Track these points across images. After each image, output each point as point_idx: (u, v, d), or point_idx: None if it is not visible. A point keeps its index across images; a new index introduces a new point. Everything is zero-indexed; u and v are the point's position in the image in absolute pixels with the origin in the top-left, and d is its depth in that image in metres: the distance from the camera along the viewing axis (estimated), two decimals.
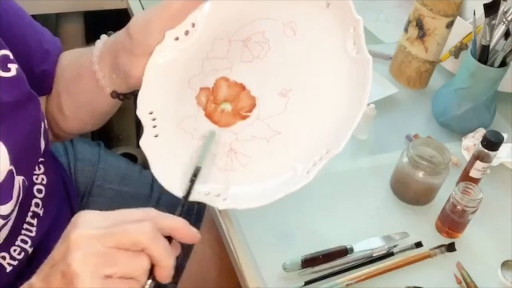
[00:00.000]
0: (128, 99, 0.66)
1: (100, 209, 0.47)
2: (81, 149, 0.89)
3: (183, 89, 0.62)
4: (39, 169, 0.67)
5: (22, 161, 0.58)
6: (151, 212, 0.48)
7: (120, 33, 0.61)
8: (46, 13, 1.32)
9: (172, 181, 0.60)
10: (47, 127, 0.65)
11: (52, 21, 1.41)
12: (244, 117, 0.64)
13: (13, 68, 0.59)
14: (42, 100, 0.67)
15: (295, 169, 0.62)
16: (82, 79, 0.65)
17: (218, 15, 0.59)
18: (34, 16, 0.71)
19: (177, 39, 0.58)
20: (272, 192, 0.62)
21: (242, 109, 0.64)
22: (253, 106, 0.64)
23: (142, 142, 0.59)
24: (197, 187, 0.59)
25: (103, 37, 0.65)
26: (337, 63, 0.61)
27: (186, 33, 0.59)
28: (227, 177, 0.63)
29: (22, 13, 0.67)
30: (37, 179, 0.66)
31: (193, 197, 0.58)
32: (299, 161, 0.63)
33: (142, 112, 0.59)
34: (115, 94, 0.64)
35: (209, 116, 0.64)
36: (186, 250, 0.85)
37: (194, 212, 0.87)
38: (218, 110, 0.64)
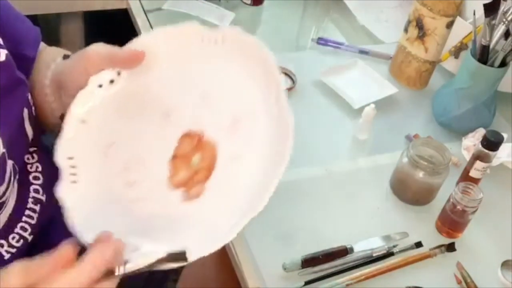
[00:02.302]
0: None
1: None
2: None
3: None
4: (33, 158, 0.66)
5: (13, 146, 0.58)
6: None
7: (58, 71, 0.61)
8: (46, 13, 1.32)
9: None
10: (34, 114, 0.64)
11: (52, 21, 1.41)
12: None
13: (3, 53, 0.58)
14: None
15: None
16: (40, 96, 0.64)
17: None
18: (34, 16, 0.70)
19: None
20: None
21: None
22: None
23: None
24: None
25: (59, 59, 0.64)
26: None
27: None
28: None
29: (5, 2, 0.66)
30: (31, 167, 0.66)
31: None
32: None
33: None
34: (63, 118, 0.62)
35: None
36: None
37: None
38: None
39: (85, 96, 0.57)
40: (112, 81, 0.58)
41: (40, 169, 0.67)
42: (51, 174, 0.67)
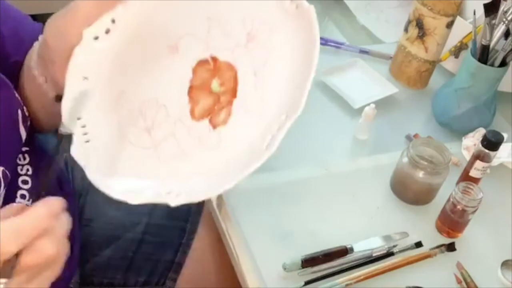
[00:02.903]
0: None
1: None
2: None
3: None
4: (24, 159, 0.64)
5: (2, 151, 0.56)
6: None
7: (41, 38, 0.56)
8: (46, 13, 1.32)
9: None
10: (27, 114, 0.62)
11: None
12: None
13: None
14: None
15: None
16: (28, 83, 0.61)
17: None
18: (34, 16, 0.70)
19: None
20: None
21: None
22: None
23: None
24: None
25: (40, 37, 0.59)
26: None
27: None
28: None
29: None
30: (21, 169, 0.64)
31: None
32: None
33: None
34: (59, 98, 0.59)
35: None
36: (184, 247, 0.85)
37: (192, 211, 0.87)
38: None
39: (82, 52, 0.53)
40: (108, 31, 0.54)
41: (30, 172, 0.65)
42: (41, 179, 0.65)
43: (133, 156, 0.56)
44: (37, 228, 0.42)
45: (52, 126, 0.69)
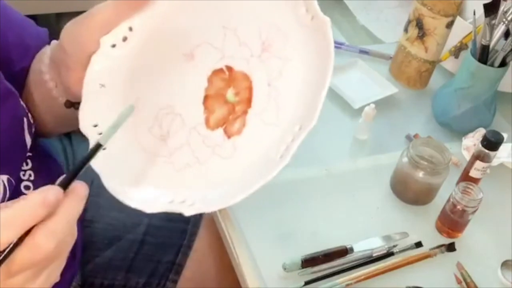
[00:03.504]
0: None
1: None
2: (79, 149, 0.88)
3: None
4: (27, 164, 0.64)
5: (4, 160, 0.56)
6: None
7: (57, 43, 0.56)
8: (46, 13, 1.32)
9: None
10: (31, 121, 0.62)
11: (52, 21, 1.41)
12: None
13: None
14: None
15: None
16: (37, 87, 0.61)
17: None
18: (34, 16, 0.70)
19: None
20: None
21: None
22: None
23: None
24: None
25: (53, 42, 0.59)
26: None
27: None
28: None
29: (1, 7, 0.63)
30: (24, 175, 0.63)
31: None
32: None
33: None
34: (69, 104, 0.59)
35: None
36: (185, 248, 0.85)
37: None
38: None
39: (100, 59, 0.54)
40: (125, 39, 0.55)
41: (32, 177, 0.64)
42: (42, 184, 0.65)
43: (148, 164, 0.57)
44: (32, 216, 0.40)
45: (60, 130, 0.69)
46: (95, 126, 0.55)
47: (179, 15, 0.56)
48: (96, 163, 0.53)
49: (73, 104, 0.60)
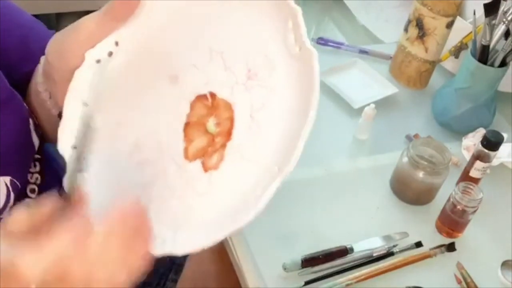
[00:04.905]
0: None
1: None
2: None
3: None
4: (35, 166, 0.63)
5: (7, 162, 0.55)
6: None
7: (44, 57, 0.54)
8: (46, 13, 1.32)
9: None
10: (37, 122, 0.61)
11: (52, 21, 1.41)
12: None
13: None
14: None
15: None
16: (34, 96, 0.59)
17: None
18: (34, 16, 0.69)
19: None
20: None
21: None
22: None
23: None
24: None
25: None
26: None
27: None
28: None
29: (5, 8, 0.61)
30: (31, 177, 0.62)
31: None
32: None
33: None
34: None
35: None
36: None
37: None
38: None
39: (83, 75, 0.51)
40: (110, 54, 0.52)
41: (38, 181, 0.63)
42: (47, 188, 0.63)
43: (124, 192, 0.52)
44: (60, 255, 0.39)
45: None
46: (74, 148, 0.52)
47: (167, 30, 0.53)
48: (70, 186, 0.50)
49: None
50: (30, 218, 0.41)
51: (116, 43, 0.52)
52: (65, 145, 0.51)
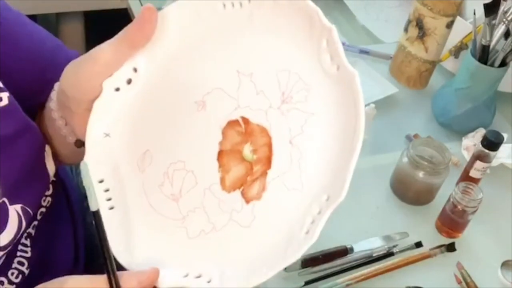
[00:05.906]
0: None
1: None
2: None
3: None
4: (48, 189, 0.61)
5: (20, 191, 0.54)
6: None
7: (58, 86, 0.53)
8: (46, 13, 1.32)
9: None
10: (52, 149, 0.59)
11: (52, 21, 1.41)
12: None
13: (4, 96, 0.51)
14: None
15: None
16: (48, 122, 0.57)
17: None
18: (34, 16, 0.69)
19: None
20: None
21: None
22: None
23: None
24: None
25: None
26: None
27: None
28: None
29: (29, 36, 0.59)
30: (44, 200, 0.60)
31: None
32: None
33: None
34: (79, 144, 0.54)
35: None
36: None
37: None
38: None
39: (103, 105, 0.49)
40: (129, 81, 0.50)
41: (49, 204, 0.62)
42: (51, 210, 0.62)
43: (159, 228, 0.50)
44: None
45: (73, 162, 0.65)
46: (101, 181, 0.50)
47: (188, 54, 0.50)
48: (117, 248, 0.48)
49: (84, 144, 0.54)
50: None
51: (135, 69, 0.50)
52: (89, 180, 0.48)
